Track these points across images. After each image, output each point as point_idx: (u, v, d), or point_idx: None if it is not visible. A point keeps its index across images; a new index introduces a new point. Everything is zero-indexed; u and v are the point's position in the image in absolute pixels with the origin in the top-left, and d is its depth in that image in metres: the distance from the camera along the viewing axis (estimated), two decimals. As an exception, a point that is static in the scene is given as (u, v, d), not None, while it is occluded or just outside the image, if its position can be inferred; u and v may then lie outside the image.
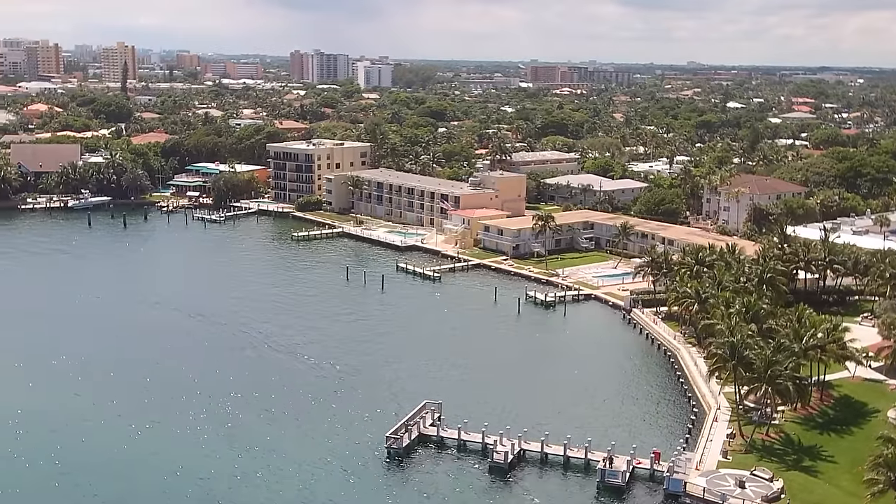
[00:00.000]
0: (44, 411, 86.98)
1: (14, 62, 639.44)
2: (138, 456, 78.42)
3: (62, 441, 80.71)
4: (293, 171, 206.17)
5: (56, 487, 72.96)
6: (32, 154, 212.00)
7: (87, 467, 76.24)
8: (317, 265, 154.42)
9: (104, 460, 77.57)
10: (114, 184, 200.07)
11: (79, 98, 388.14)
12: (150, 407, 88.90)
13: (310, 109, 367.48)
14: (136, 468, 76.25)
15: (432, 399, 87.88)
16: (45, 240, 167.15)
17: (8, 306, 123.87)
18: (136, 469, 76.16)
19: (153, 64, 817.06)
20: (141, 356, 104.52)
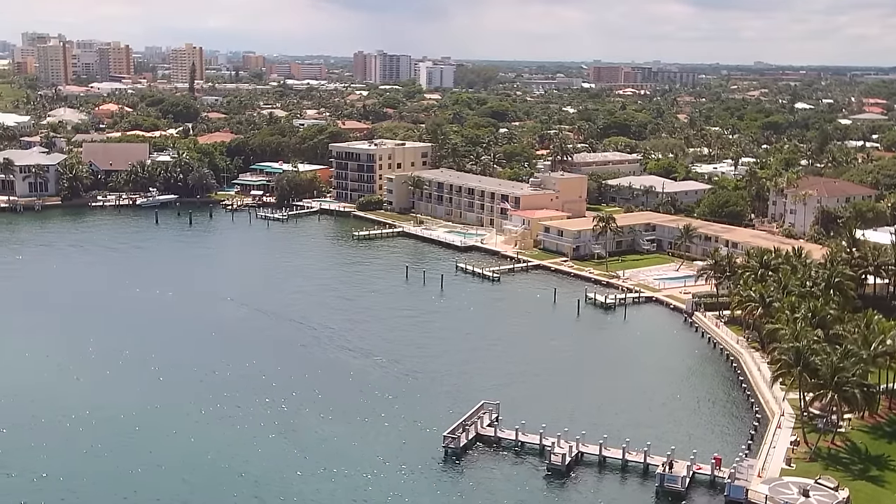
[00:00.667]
0: (111, 405, 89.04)
1: (87, 63, 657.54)
2: (201, 451, 79.77)
3: (127, 434, 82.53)
4: (355, 170, 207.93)
5: (118, 479, 74.61)
6: (103, 153, 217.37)
7: (150, 461, 77.70)
8: (377, 264, 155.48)
9: (168, 454, 79.04)
10: (180, 182, 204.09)
11: (148, 98, 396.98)
12: (215, 402, 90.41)
13: (372, 110, 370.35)
14: (198, 463, 77.53)
15: (490, 399, 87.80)
16: (114, 236, 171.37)
17: (79, 301, 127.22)
18: (198, 464, 77.44)
19: (220, 65, 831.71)
20: (208, 351, 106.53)
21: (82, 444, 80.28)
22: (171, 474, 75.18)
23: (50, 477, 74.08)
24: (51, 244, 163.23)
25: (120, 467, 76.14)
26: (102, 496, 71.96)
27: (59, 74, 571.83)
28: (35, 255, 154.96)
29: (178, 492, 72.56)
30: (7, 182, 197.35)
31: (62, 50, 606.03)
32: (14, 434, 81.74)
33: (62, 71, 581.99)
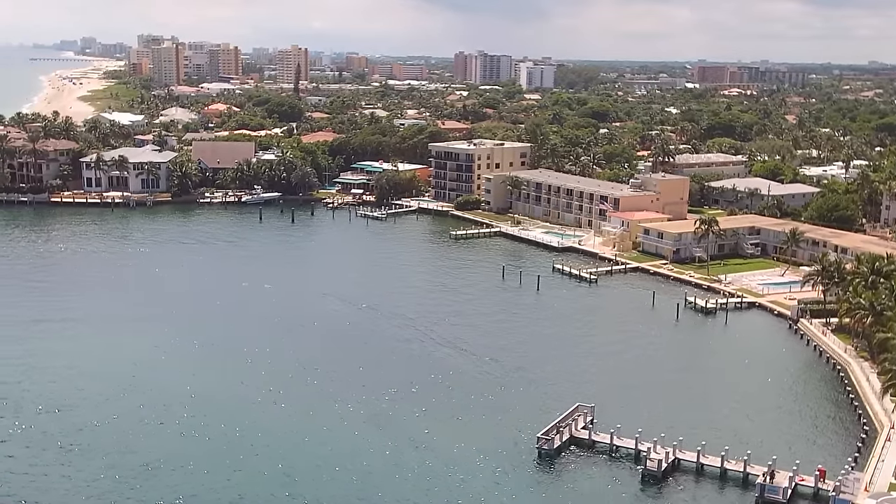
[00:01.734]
0: (213, 395, 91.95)
1: (198, 64, 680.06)
2: (295, 445, 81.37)
3: (229, 425, 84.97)
4: (454, 170, 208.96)
5: (219, 468, 76.95)
6: (212, 151, 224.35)
7: (250, 452, 79.79)
8: (473, 264, 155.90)
9: (267, 446, 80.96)
10: (284, 180, 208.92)
11: (255, 98, 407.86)
12: (313, 395, 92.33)
13: (472, 110, 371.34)
14: (292, 457, 79.03)
15: (585, 402, 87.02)
16: (220, 232, 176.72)
17: (186, 294, 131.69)
18: (292, 458, 78.95)
19: (324, 66, 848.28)
20: (308, 345, 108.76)
21: (186, 432, 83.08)
22: (270, 467, 76.93)
23: (155, 463, 76.93)
24: (161, 239, 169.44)
25: (221, 457, 78.43)
26: (206, 483, 74.22)
27: (171, 75, 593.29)
28: (145, 249, 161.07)
29: (277, 484, 74.18)
30: (121, 178, 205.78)
31: (175, 51, 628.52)
32: (123, 421, 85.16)
33: (175, 72, 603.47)
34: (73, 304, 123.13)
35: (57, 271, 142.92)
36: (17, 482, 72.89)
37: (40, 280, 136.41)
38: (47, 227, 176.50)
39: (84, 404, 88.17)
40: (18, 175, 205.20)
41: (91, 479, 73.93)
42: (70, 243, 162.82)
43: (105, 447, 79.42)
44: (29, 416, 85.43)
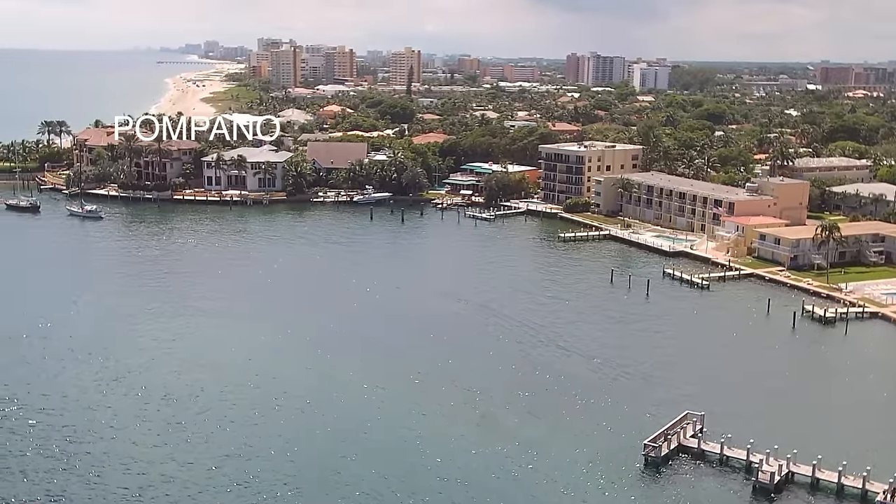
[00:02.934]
0: (320, 390, 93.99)
1: (314, 67, 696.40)
2: (401, 444, 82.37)
3: (337, 420, 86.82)
4: (563, 172, 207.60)
5: (327, 463, 78.68)
6: (325, 151, 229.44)
7: (356, 450, 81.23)
8: (582, 267, 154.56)
9: (372, 442, 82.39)
10: (394, 181, 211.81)
11: (368, 100, 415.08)
12: (420, 394, 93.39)
13: (583, 112, 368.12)
14: (397, 455, 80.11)
15: (694, 410, 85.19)
16: (332, 230, 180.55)
17: (300, 291, 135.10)
18: (398, 456, 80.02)
19: (436, 68, 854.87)
20: (418, 343, 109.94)
21: (296, 426, 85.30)
22: (376, 464, 78.19)
23: (267, 453, 79.30)
24: (276, 236, 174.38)
25: (327, 452, 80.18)
26: (313, 477, 76.05)
27: (289, 77, 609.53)
28: (262, 245, 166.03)
29: (382, 482, 75.25)
30: (240, 177, 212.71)
31: (293, 54, 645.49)
32: (238, 411, 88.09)
33: (292, 74, 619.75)
34: (192, 297, 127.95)
35: (178, 266, 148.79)
36: (137, 468, 76.26)
37: (163, 274, 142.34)
38: (170, 224, 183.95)
39: (203, 394, 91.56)
40: (144, 173, 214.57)
41: (210, 466, 76.83)
42: (191, 239, 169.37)
43: (222, 436, 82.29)
44: (153, 403, 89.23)
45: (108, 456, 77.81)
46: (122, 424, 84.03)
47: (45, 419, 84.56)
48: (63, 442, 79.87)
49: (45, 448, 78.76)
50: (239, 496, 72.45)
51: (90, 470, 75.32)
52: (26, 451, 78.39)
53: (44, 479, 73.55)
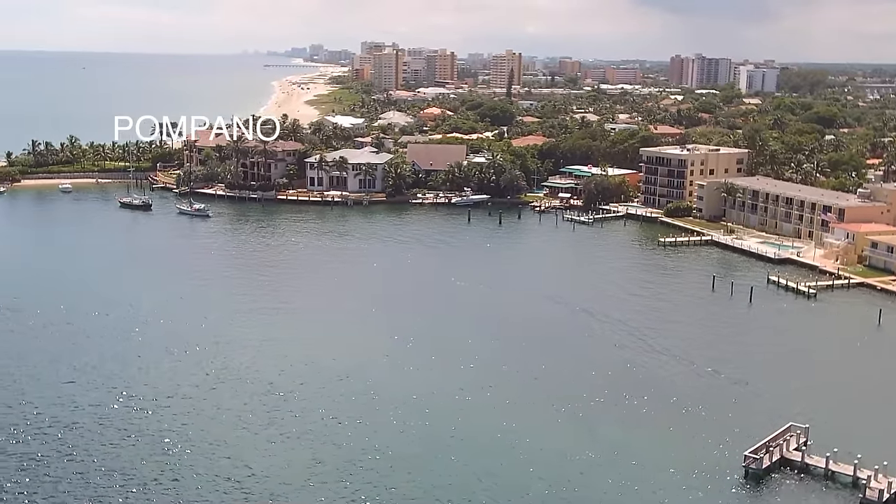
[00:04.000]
0: (419, 389, 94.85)
1: (415, 70, 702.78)
2: (497, 445, 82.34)
3: (429, 420, 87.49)
4: (664, 175, 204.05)
5: (418, 462, 79.40)
6: (425, 153, 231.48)
7: (446, 451, 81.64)
8: (682, 272, 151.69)
9: (466, 444, 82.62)
10: (493, 183, 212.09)
11: (468, 102, 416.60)
12: (519, 396, 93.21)
13: (686, 114, 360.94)
14: (492, 457, 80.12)
15: (798, 422, 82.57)
16: (430, 231, 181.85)
17: (399, 290, 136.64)
18: (492, 457, 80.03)
19: (537, 70, 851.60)
20: (514, 344, 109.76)
21: (395, 426, 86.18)
22: (471, 465, 78.44)
23: (361, 453, 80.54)
24: (376, 237, 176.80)
25: (426, 451, 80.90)
26: (408, 478, 76.84)
27: (391, 80, 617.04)
28: (362, 245, 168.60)
29: (476, 483, 75.39)
30: (341, 178, 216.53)
31: (395, 58, 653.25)
32: (335, 409, 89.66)
33: (394, 77, 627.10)
34: (294, 295, 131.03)
35: (281, 264, 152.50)
36: (227, 464, 78.32)
37: (266, 272, 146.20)
38: (273, 223, 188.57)
39: (304, 390, 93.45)
40: (250, 173, 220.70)
41: (310, 461, 78.46)
42: (293, 238, 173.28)
43: (322, 432, 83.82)
44: (256, 399, 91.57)
45: (214, 448, 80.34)
46: (225, 418, 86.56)
47: (155, 411, 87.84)
48: (170, 433, 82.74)
49: (155, 439, 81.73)
50: (337, 493, 73.72)
51: (196, 461, 77.87)
52: (140, 438, 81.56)
53: (155, 467, 76.37)
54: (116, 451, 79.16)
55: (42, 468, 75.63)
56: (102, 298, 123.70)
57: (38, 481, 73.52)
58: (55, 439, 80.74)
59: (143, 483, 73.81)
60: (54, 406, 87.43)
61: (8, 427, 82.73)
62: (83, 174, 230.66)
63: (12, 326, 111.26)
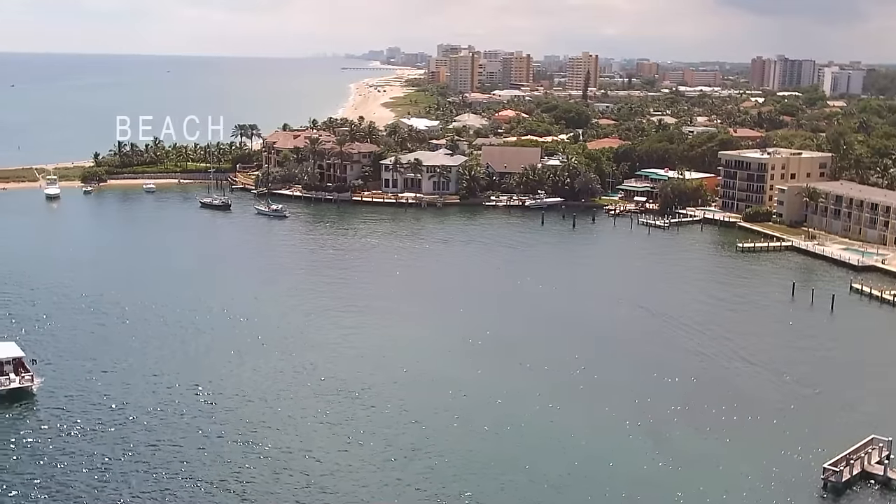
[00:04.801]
0: (485, 393, 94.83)
1: (491, 72, 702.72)
2: (566, 453, 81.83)
3: (498, 423, 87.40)
4: (743, 179, 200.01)
5: (489, 465, 79.50)
6: (499, 155, 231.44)
7: (515, 456, 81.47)
8: (761, 278, 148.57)
9: (535, 450, 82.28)
10: (567, 186, 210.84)
11: (543, 105, 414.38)
12: (590, 402, 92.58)
13: (767, 117, 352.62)
14: (561, 465, 79.61)
15: (881, 435, 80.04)
16: (503, 234, 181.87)
17: (470, 291, 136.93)
18: (562, 465, 79.58)
19: (613, 72, 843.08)
20: (587, 348, 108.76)
21: (460, 427, 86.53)
22: (539, 471, 78.03)
23: (423, 452, 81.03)
24: (449, 239, 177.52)
25: (490, 456, 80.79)
26: (470, 481, 77.00)
27: (466, 83, 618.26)
28: (436, 247, 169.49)
29: (543, 491, 75.02)
30: (415, 180, 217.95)
31: (471, 60, 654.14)
32: (412, 413, 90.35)
33: (469, 79, 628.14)
34: (369, 296, 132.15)
35: (356, 265, 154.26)
36: (314, 458, 79.73)
37: (341, 272, 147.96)
38: (348, 224, 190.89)
39: (377, 390, 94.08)
40: (326, 175, 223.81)
41: (384, 460, 79.17)
42: (366, 238, 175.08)
43: (396, 432, 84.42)
44: (330, 398, 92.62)
45: (289, 442, 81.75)
46: (301, 416, 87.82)
47: (232, 408, 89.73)
48: (246, 432, 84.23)
49: (233, 436, 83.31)
50: (408, 495, 74.35)
51: (276, 462, 79.01)
52: (224, 437, 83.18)
53: (234, 465, 77.79)
54: (193, 444, 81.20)
55: (123, 456, 78.00)
56: (182, 296, 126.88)
57: (111, 470, 75.94)
58: (141, 428, 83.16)
59: (222, 478, 75.50)
60: (140, 397, 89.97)
61: (95, 418, 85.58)
62: (166, 174, 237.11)
63: (102, 321, 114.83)
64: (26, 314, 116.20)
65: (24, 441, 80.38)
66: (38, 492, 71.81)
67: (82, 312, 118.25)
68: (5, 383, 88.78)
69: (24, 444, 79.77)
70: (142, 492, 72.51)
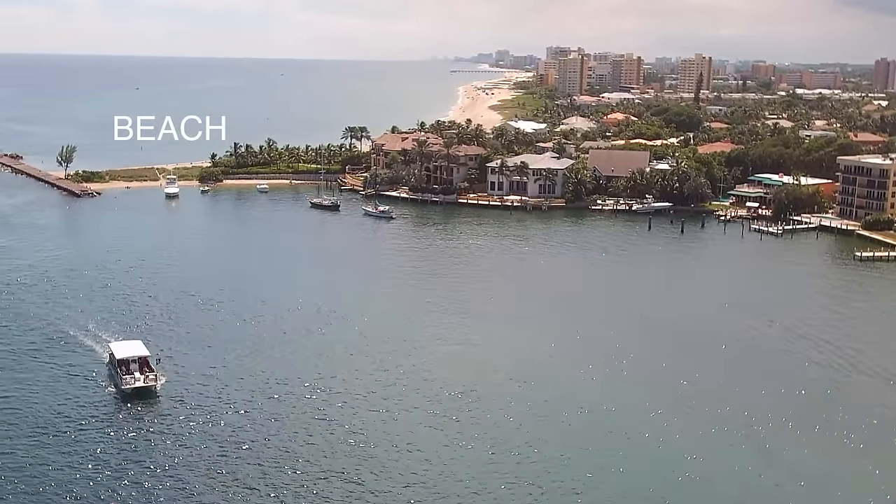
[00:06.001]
0: (595, 398, 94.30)
1: (600, 74, 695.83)
2: (669, 463, 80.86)
3: (603, 432, 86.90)
4: (864, 186, 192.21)
5: (595, 473, 79.02)
6: (606, 159, 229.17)
7: (620, 464, 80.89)
8: (881, 289, 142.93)
9: (639, 459, 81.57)
10: (676, 190, 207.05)
11: (653, 108, 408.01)
12: (697, 414, 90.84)
13: (891, 121, 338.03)
14: (663, 475, 78.55)
15: None
16: (608, 238, 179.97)
17: (576, 296, 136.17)
18: (663, 476, 78.52)
19: (727, 74, 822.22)
20: (702, 360, 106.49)
21: (572, 436, 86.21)
22: (643, 481, 77.22)
23: (531, 455, 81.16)
24: (553, 242, 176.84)
25: (599, 460, 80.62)
26: (586, 486, 76.86)
27: (574, 85, 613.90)
28: (540, 250, 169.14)
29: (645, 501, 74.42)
30: (521, 183, 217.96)
31: (580, 63, 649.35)
32: (522, 419, 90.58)
33: (578, 82, 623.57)
34: (474, 297, 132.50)
35: (461, 267, 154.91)
36: (416, 463, 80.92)
37: (446, 274, 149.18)
38: (454, 226, 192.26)
39: (487, 395, 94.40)
40: (433, 177, 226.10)
41: (488, 470, 79.55)
42: (472, 240, 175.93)
43: (505, 437, 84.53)
44: (442, 402, 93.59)
45: (397, 442, 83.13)
46: (411, 416, 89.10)
47: (341, 406, 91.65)
48: (355, 430, 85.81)
49: (343, 434, 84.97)
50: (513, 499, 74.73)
51: (385, 457, 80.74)
52: (335, 435, 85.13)
53: (343, 460, 79.60)
54: (305, 440, 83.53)
55: (239, 454, 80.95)
56: (291, 296, 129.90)
57: (232, 464, 78.93)
58: (252, 424, 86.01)
59: (339, 471, 77.43)
60: (253, 395, 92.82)
61: (212, 418, 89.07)
62: (278, 175, 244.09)
63: (219, 319, 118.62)
64: (150, 311, 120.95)
65: (146, 437, 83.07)
66: (156, 484, 74.95)
67: (200, 310, 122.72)
68: (131, 382, 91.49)
69: (146, 440, 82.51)
70: (251, 487, 75.17)
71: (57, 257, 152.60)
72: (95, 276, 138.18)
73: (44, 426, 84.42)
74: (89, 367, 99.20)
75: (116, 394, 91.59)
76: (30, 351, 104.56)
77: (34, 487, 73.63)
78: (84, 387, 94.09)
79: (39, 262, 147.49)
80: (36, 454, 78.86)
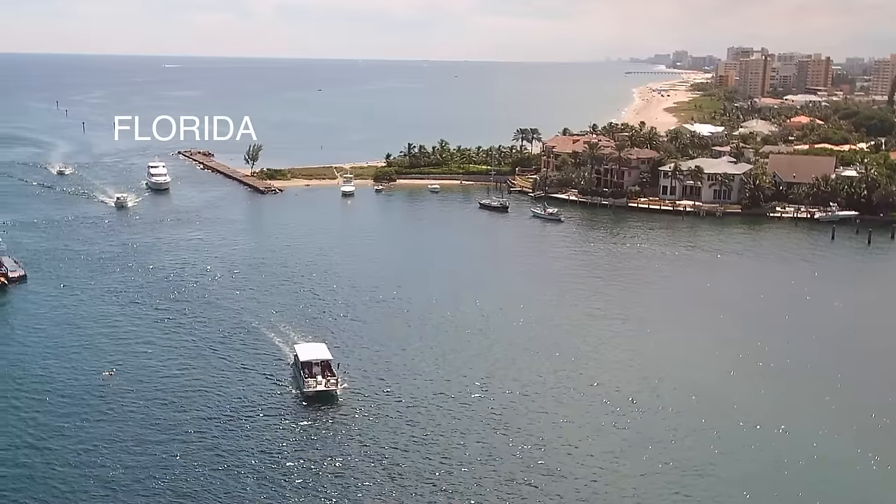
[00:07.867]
0: (770, 413, 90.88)
1: (784, 76, 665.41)
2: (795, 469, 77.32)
3: (775, 443, 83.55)
4: None
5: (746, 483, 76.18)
6: (788, 164, 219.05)
7: (778, 480, 77.48)
8: None
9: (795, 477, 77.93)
10: (863, 199, 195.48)
11: (841, 111, 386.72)
12: (875, 435, 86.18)
13: None
14: (788, 479, 74.82)
15: None
16: (786, 247, 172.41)
17: (753, 308, 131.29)
18: (788, 480, 74.86)
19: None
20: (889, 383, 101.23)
21: (743, 450, 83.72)
22: (784, 486, 73.96)
23: (681, 471, 79.03)
24: (726, 249, 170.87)
25: (752, 472, 77.52)
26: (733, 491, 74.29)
27: (756, 87, 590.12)
28: (712, 259, 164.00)
29: None
30: (694, 188, 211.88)
31: (762, 63, 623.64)
32: (672, 428, 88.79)
33: (759, 84, 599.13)
34: (641, 304, 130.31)
35: (628, 275, 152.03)
36: (591, 473, 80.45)
37: (614, 278, 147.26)
38: (623, 231, 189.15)
39: (649, 402, 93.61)
40: (603, 180, 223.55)
41: (637, 470, 78.96)
42: (643, 246, 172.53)
43: (677, 452, 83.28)
44: (595, 406, 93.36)
45: (567, 450, 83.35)
46: (570, 420, 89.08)
47: (503, 411, 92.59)
48: (521, 433, 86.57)
49: (503, 438, 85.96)
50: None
51: (540, 465, 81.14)
52: (496, 436, 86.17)
53: (497, 467, 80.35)
54: (460, 441, 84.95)
55: (407, 451, 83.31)
56: (459, 296, 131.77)
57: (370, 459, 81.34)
58: (416, 425, 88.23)
59: (483, 478, 78.42)
60: (421, 399, 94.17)
61: (389, 424, 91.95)
62: (449, 176, 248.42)
63: (394, 320, 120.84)
64: (331, 311, 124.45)
65: (324, 440, 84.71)
66: (328, 481, 78.11)
67: (373, 308, 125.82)
68: (313, 385, 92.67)
69: (324, 443, 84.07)
70: (413, 490, 77.14)
71: (243, 251, 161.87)
72: (277, 271, 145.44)
73: (233, 412, 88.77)
74: (274, 363, 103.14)
75: (299, 395, 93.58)
76: (221, 340, 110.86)
77: (234, 470, 77.39)
78: (269, 383, 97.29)
79: (227, 255, 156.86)
80: (230, 438, 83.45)
